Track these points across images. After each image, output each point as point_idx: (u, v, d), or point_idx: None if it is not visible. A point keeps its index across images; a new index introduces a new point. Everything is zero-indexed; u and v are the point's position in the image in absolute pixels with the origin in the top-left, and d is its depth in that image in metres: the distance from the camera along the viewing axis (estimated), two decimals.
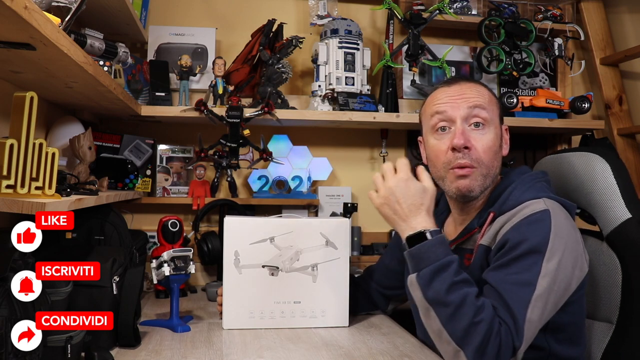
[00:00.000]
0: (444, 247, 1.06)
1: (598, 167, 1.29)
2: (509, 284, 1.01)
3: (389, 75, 2.06)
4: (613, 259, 1.25)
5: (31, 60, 1.02)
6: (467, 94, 1.19)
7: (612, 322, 1.25)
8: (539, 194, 1.13)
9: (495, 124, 1.19)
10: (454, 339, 0.98)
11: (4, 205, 0.89)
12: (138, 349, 1.21)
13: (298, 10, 2.18)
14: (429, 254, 1.04)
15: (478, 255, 1.14)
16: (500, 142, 1.21)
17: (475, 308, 0.98)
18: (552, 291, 1.02)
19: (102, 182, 1.53)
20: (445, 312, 0.99)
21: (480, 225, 1.17)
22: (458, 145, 1.15)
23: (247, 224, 1.38)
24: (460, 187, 1.17)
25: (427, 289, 1.02)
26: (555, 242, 1.03)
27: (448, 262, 1.03)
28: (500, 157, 1.22)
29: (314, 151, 2.14)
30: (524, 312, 0.98)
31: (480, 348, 0.95)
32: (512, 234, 1.06)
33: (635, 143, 2.22)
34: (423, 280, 1.03)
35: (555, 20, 2.22)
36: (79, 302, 1.14)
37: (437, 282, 1.01)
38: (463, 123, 1.17)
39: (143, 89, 1.96)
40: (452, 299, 0.99)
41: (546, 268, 1.01)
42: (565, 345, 1.12)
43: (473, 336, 0.96)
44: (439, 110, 1.19)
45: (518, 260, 1.03)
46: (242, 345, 1.23)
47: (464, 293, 0.99)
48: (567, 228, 1.08)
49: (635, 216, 1.24)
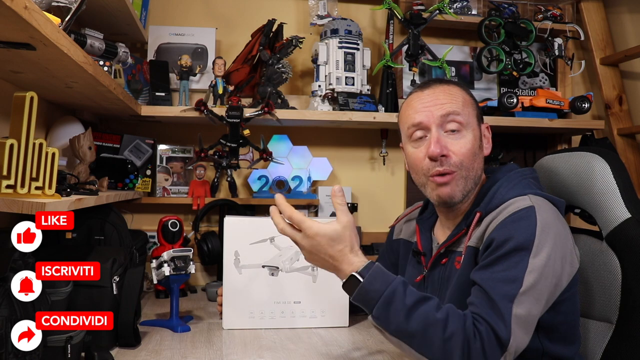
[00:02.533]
0: (380, 279, 0.99)
1: (597, 167, 1.28)
2: (495, 281, 0.99)
3: (389, 75, 2.06)
4: (612, 258, 1.25)
5: (31, 60, 1.02)
6: (440, 99, 1.16)
7: (612, 322, 1.25)
8: (524, 190, 1.11)
9: (472, 126, 1.17)
10: (435, 359, 0.95)
11: (4, 205, 0.89)
12: (138, 349, 1.21)
13: (298, 10, 2.18)
14: (369, 294, 0.98)
15: (466, 257, 1.12)
16: (479, 143, 1.19)
17: (441, 324, 0.95)
18: (540, 287, 1.00)
19: (102, 182, 1.53)
20: (415, 340, 0.95)
21: (467, 227, 1.15)
22: (434, 154, 1.13)
23: (247, 224, 1.38)
24: (441, 194, 1.15)
25: (387, 326, 0.97)
26: (541, 237, 1.02)
27: (391, 292, 0.97)
28: (482, 157, 1.20)
29: (314, 151, 2.14)
30: (509, 306, 0.96)
31: (463, 358, 0.93)
32: (498, 233, 1.05)
33: (635, 143, 2.22)
34: (379, 320, 0.98)
35: (555, 20, 2.22)
36: (79, 302, 1.14)
37: (392, 315, 0.96)
38: (438, 130, 1.15)
39: (143, 89, 1.96)
40: (414, 326, 0.95)
41: (533, 264, 1.00)
42: (558, 344, 1.12)
43: (452, 351, 0.93)
44: (414, 123, 1.17)
45: (504, 259, 1.01)
46: (242, 345, 1.23)
47: (423, 314, 0.95)
48: (554, 224, 1.06)
49: (635, 216, 1.23)
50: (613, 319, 1.25)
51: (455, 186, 1.15)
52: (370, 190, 2.22)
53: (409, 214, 1.40)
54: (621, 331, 1.23)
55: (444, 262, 1.19)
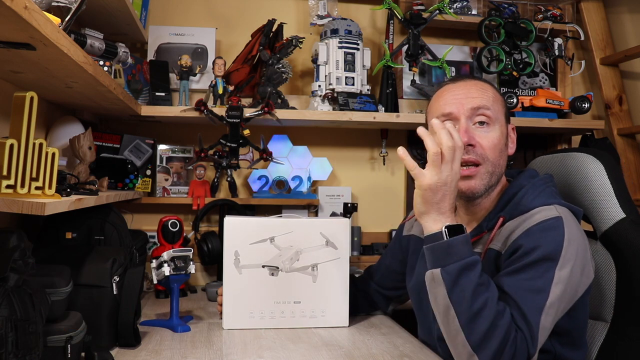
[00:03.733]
0: (469, 246, 1.03)
1: (592, 167, 1.29)
2: (523, 290, 1.01)
3: (389, 75, 2.06)
4: (607, 258, 1.26)
5: (31, 60, 1.02)
6: (471, 93, 1.19)
7: (607, 321, 1.25)
8: (549, 200, 1.12)
9: (500, 123, 1.19)
10: (470, 343, 0.97)
11: (4, 205, 0.88)
12: (138, 349, 1.21)
13: (298, 10, 2.18)
14: (457, 250, 1.00)
15: (487, 258, 1.13)
16: (505, 141, 1.21)
17: (495, 312, 0.97)
18: (563, 298, 1.03)
19: (102, 182, 1.53)
20: (468, 313, 0.97)
21: (489, 229, 1.16)
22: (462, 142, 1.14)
23: (247, 224, 1.38)
24: (465, 187, 1.16)
25: (453, 287, 0.98)
26: (568, 250, 1.03)
27: (474, 261, 1.00)
28: (506, 155, 1.21)
29: (314, 151, 2.14)
30: (537, 319, 0.99)
31: (496, 354, 0.95)
32: (526, 240, 1.05)
33: (635, 143, 2.22)
34: (450, 276, 0.99)
35: (555, 20, 2.22)
36: (79, 302, 1.14)
37: (464, 280, 0.98)
38: (467, 121, 1.17)
39: (143, 89, 1.96)
40: (476, 300, 0.97)
41: (559, 276, 1.02)
42: (568, 348, 1.13)
43: (490, 342, 0.95)
44: (444, 112, 1.19)
45: (532, 267, 1.02)
46: (242, 345, 1.23)
47: (487, 296, 0.98)
48: (578, 236, 1.08)
49: (629, 216, 1.24)
50: (608, 317, 1.25)
51: (479, 180, 1.16)
52: (370, 190, 2.22)
53: None
54: (616, 330, 1.24)
55: None
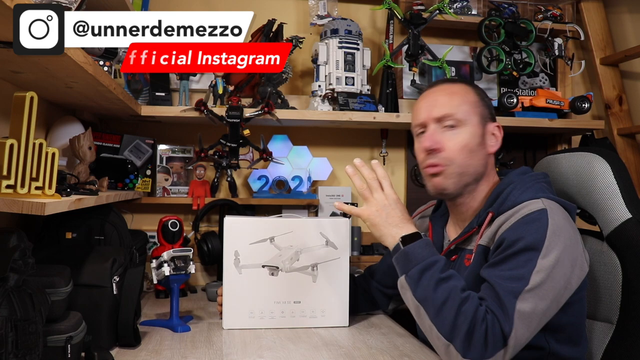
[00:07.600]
0: (429, 248, 1.12)
1: (598, 167, 1.29)
2: (502, 279, 1.04)
3: (389, 75, 2.06)
4: (613, 259, 1.25)
5: (31, 60, 1.02)
6: (438, 101, 1.24)
7: (613, 322, 1.25)
8: (537, 194, 1.14)
9: (471, 123, 1.22)
10: (442, 334, 1.01)
11: (4, 205, 0.88)
12: (138, 349, 1.21)
13: (298, 10, 2.18)
14: (416, 255, 1.10)
15: (477, 255, 1.16)
16: (479, 140, 1.23)
17: (459, 300, 1.01)
18: (547, 287, 1.03)
19: (102, 182, 1.53)
20: (434, 308, 1.03)
21: (479, 225, 1.19)
22: (426, 147, 1.22)
23: (247, 224, 1.38)
24: (434, 184, 1.23)
25: (415, 288, 1.07)
26: (551, 240, 1.05)
27: (434, 261, 1.08)
28: (483, 155, 1.24)
29: (314, 151, 2.14)
30: (512, 302, 1.00)
31: (466, 338, 0.98)
32: (509, 233, 1.08)
33: (635, 143, 2.22)
34: (412, 279, 1.08)
35: (555, 20, 2.22)
36: (79, 302, 1.14)
37: (425, 280, 1.06)
38: (435, 126, 1.23)
39: (143, 89, 1.96)
40: (438, 295, 1.03)
41: (541, 264, 1.03)
42: (565, 345, 1.13)
43: (459, 328, 0.99)
44: (418, 122, 1.27)
45: (513, 257, 1.05)
46: (242, 345, 1.23)
47: (450, 287, 1.04)
48: (565, 227, 1.09)
49: (636, 216, 1.24)
50: (614, 319, 1.25)
51: (446, 179, 1.21)
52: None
53: (422, 211, 1.46)
54: (622, 331, 1.23)
55: (453, 259, 1.24)
